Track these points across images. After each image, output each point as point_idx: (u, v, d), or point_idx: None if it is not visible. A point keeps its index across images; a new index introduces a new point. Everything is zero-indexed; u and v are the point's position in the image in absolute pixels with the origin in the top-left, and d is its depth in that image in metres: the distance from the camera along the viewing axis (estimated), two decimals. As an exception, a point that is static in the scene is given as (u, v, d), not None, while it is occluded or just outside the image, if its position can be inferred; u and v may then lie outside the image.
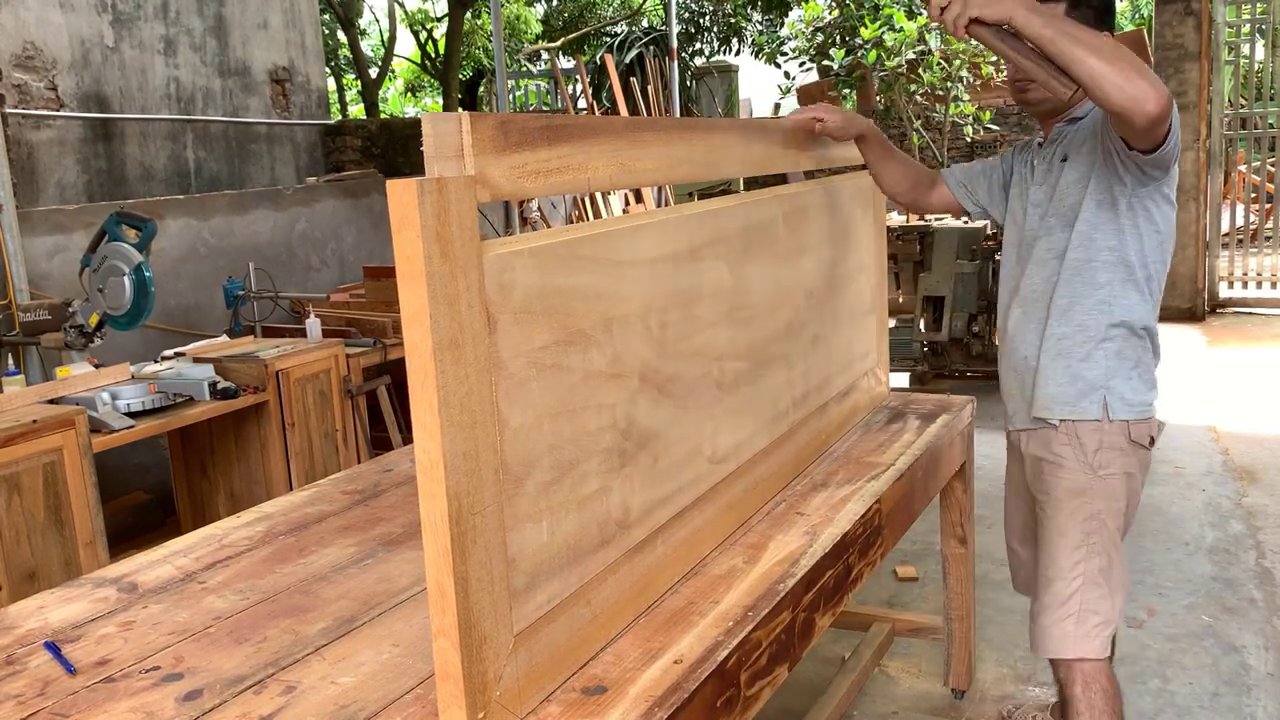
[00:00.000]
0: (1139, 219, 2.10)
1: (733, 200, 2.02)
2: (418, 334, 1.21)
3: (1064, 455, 2.20)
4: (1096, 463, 2.17)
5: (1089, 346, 2.16)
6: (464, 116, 1.27)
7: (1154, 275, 2.16)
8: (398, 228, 1.19)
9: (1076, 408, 2.18)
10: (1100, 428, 2.15)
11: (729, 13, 15.96)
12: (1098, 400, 2.16)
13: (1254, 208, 9.19)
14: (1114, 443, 2.16)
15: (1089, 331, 2.16)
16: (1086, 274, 2.15)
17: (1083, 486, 2.18)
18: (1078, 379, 2.18)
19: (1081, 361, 2.17)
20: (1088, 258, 2.14)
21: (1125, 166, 2.03)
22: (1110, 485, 2.17)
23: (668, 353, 1.73)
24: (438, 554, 1.25)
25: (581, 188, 1.49)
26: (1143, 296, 2.15)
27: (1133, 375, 2.17)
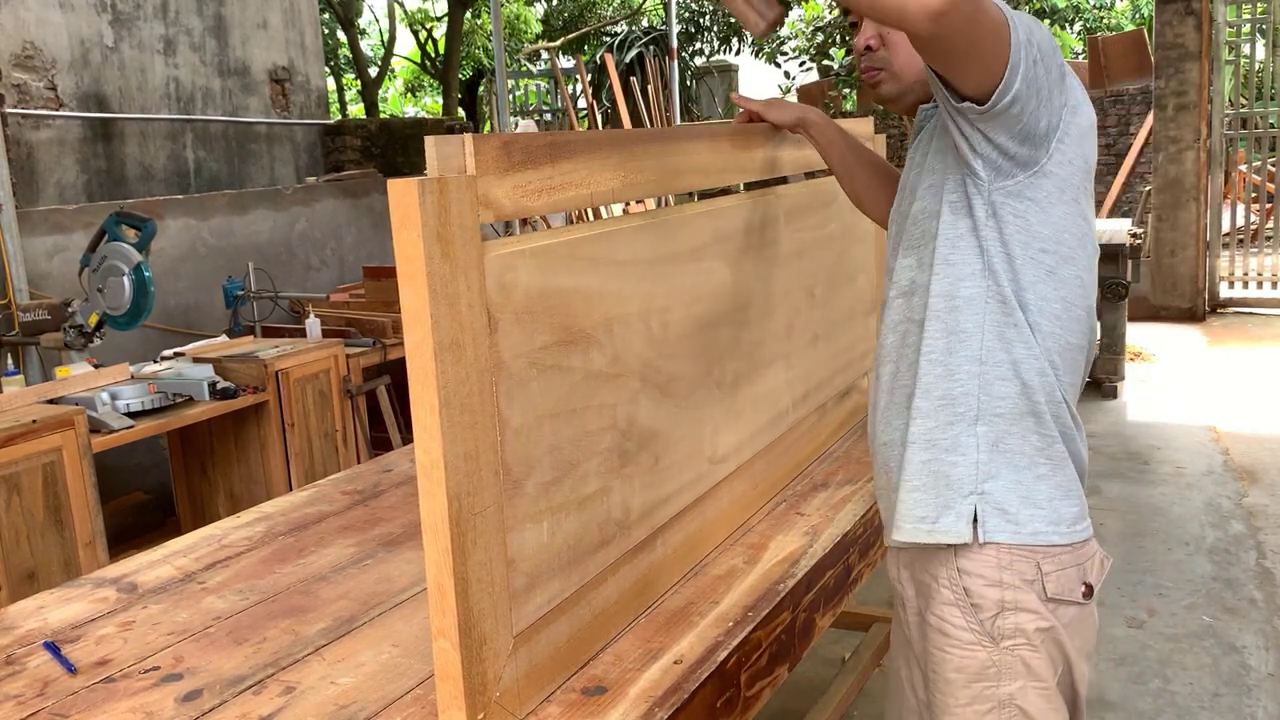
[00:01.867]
0: (1007, 231, 1.41)
1: (733, 200, 2.02)
2: (418, 334, 1.21)
3: (948, 619, 1.49)
4: (995, 630, 1.46)
5: (957, 430, 1.46)
6: (467, 139, 1.26)
7: (1048, 318, 1.44)
8: (399, 227, 1.19)
9: (937, 526, 1.47)
10: (999, 578, 1.45)
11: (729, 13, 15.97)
12: (963, 513, 1.45)
13: (1254, 208, 9.19)
14: (1020, 600, 1.45)
15: (957, 406, 1.46)
16: (947, 318, 1.46)
17: (979, 666, 1.48)
18: (939, 479, 1.47)
19: (947, 454, 1.47)
20: (946, 292, 1.45)
21: (971, 144, 1.38)
22: (1019, 662, 1.47)
23: (668, 353, 1.73)
24: (438, 554, 1.25)
25: (584, 203, 1.49)
26: (1030, 349, 1.43)
27: (1025, 474, 1.45)
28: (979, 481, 1.46)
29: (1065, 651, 1.50)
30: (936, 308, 1.47)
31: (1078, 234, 1.44)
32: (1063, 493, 1.47)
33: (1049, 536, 1.46)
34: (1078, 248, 1.45)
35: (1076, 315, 1.46)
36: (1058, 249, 1.43)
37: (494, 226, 7.26)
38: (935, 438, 1.48)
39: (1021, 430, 1.45)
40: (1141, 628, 3.32)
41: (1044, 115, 1.35)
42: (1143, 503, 4.35)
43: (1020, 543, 1.45)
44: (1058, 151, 1.40)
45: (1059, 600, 1.47)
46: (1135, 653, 3.15)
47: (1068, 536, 1.47)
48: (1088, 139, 1.45)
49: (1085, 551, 1.49)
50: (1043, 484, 1.46)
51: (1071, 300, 1.45)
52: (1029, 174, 1.40)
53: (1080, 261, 1.46)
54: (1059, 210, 1.42)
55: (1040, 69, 1.32)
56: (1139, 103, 11.31)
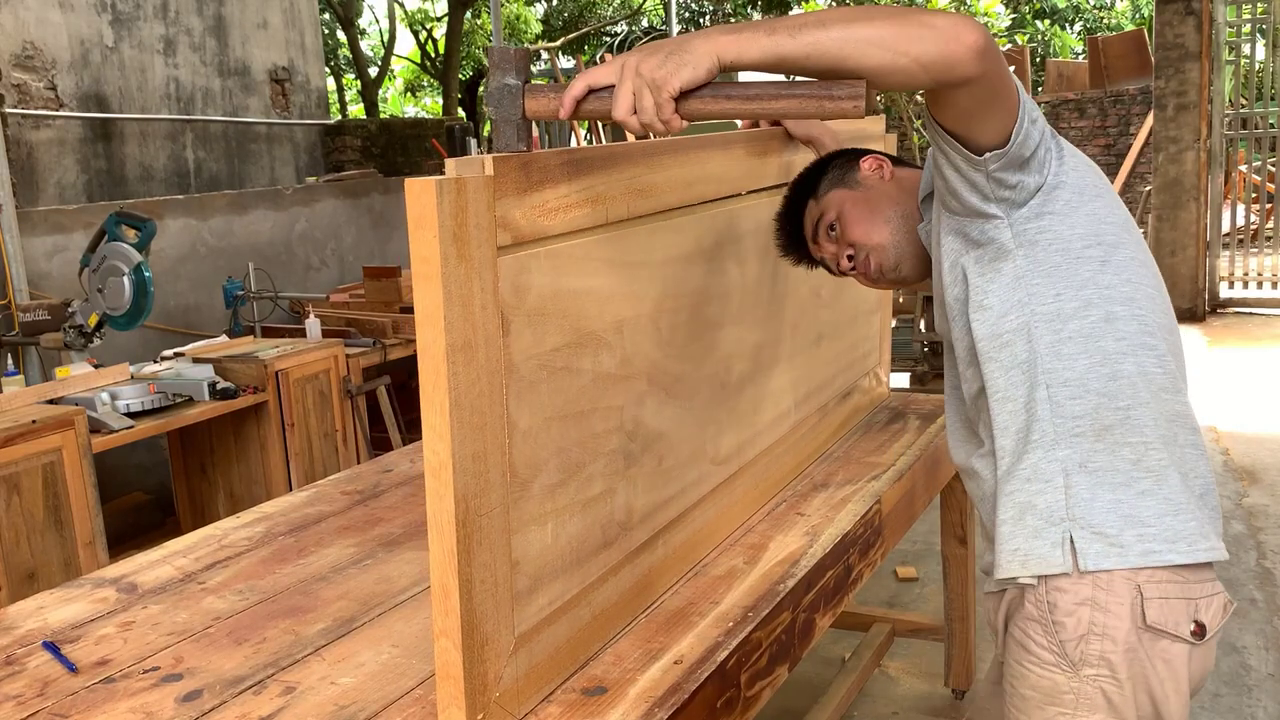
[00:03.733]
0: (1039, 249, 1.41)
1: (743, 201, 2.01)
2: (431, 335, 1.20)
3: (1030, 634, 1.42)
4: (1077, 655, 1.37)
5: (1035, 458, 1.41)
6: (487, 160, 1.24)
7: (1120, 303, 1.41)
8: (415, 227, 1.18)
9: (1031, 559, 1.40)
10: (1092, 596, 1.36)
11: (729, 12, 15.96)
12: (1056, 540, 1.38)
13: (1254, 208, 9.19)
14: (1109, 625, 1.35)
15: (1026, 438, 1.41)
16: (999, 355, 1.44)
17: (1054, 688, 1.40)
18: (1028, 511, 1.41)
19: (1028, 483, 1.41)
20: (990, 336, 1.44)
21: (983, 194, 1.39)
22: (1099, 694, 1.37)
23: (676, 354, 1.73)
24: (443, 555, 1.25)
25: (600, 220, 1.48)
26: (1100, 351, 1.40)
27: (1124, 491, 1.37)
28: (1069, 507, 1.38)
29: (1153, 695, 1.37)
30: (985, 352, 1.45)
31: (1116, 222, 1.44)
32: (1174, 507, 1.37)
33: (1165, 556, 1.35)
34: (1121, 233, 1.44)
35: (1148, 294, 1.43)
36: (1101, 240, 1.41)
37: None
38: (1015, 470, 1.43)
39: (1109, 445, 1.38)
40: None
41: (1034, 135, 1.36)
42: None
43: (1128, 567, 1.35)
44: (1059, 164, 1.41)
45: (1160, 631, 1.35)
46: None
47: (1188, 555, 1.35)
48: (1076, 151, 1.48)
49: (1199, 584, 1.37)
50: (1147, 500, 1.37)
51: (1137, 281, 1.43)
52: (1042, 194, 1.40)
53: (1130, 244, 1.44)
54: (1085, 209, 1.41)
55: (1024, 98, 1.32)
56: (1139, 103, 11.32)
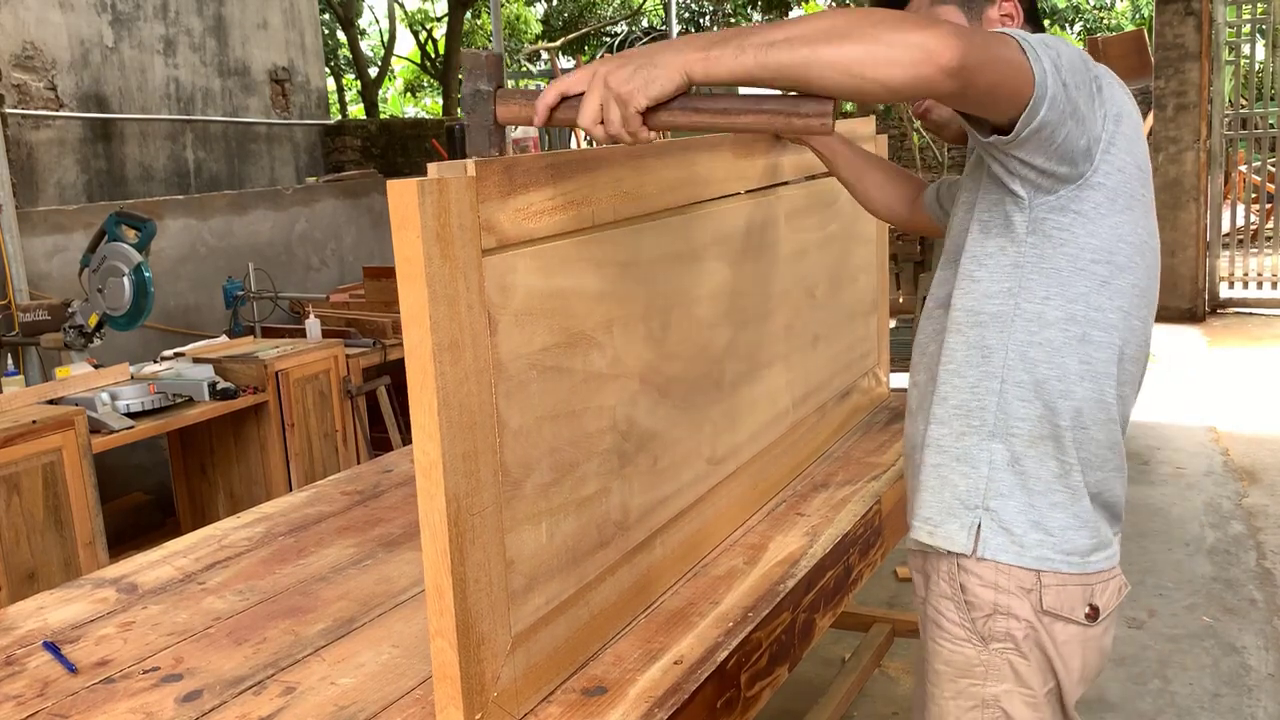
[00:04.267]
0: (1050, 246, 1.37)
1: (734, 202, 2.02)
2: (417, 335, 1.21)
3: (943, 612, 1.48)
4: (985, 630, 1.45)
5: (969, 442, 1.44)
6: (469, 164, 1.26)
7: (1102, 329, 1.39)
8: (398, 227, 1.19)
9: (938, 530, 1.46)
10: (995, 581, 1.43)
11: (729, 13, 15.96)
12: (967, 524, 1.44)
13: (1254, 208, 9.19)
14: (1012, 606, 1.43)
15: (967, 418, 1.44)
16: (966, 329, 1.44)
17: (966, 662, 1.47)
18: (946, 486, 1.46)
19: (957, 462, 1.45)
20: (972, 309, 1.43)
21: (1006, 168, 1.35)
22: (1007, 665, 1.45)
23: (668, 354, 1.73)
24: (436, 555, 1.25)
25: (586, 222, 1.49)
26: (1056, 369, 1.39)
27: (1039, 499, 1.42)
28: (987, 498, 1.43)
29: (1054, 670, 1.46)
30: (959, 321, 1.45)
31: (1135, 243, 1.40)
32: (1079, 523, 1.42)
33: (1054, 564, 1.42)
34: (1135, 256, 1.40)
35: (1133, 325, 1.42)
36: (1112, 259, 1.38)
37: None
38: (946, 445, 1.46)
39: (1039, 454, 1.41)
40: (1142, 628, 3.32)
41: (1082, 133, 1.31)
42: (1143, 503, 4.35)
43: (1022, 565, 1.42)
44: (1104, 162, 1.35)
45: (1055, 615, 1.44)
46: (1135, 653, 3.15)
47: (1078, 567, 1.42)
48: (1138, 142, 1.39)
49: (1098, 573, 1.45)
50: (1057, 512, 1.42)
51: (1129, 310, 1.41)
52: (1073, 187, 1.35)
53: (1138, 270, 1.41)
54: (1111, 220, 1.37)
55: (1071, 91, 1.27)
56: (1139, 103, 11.31)
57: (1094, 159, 1.34)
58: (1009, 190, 1.37)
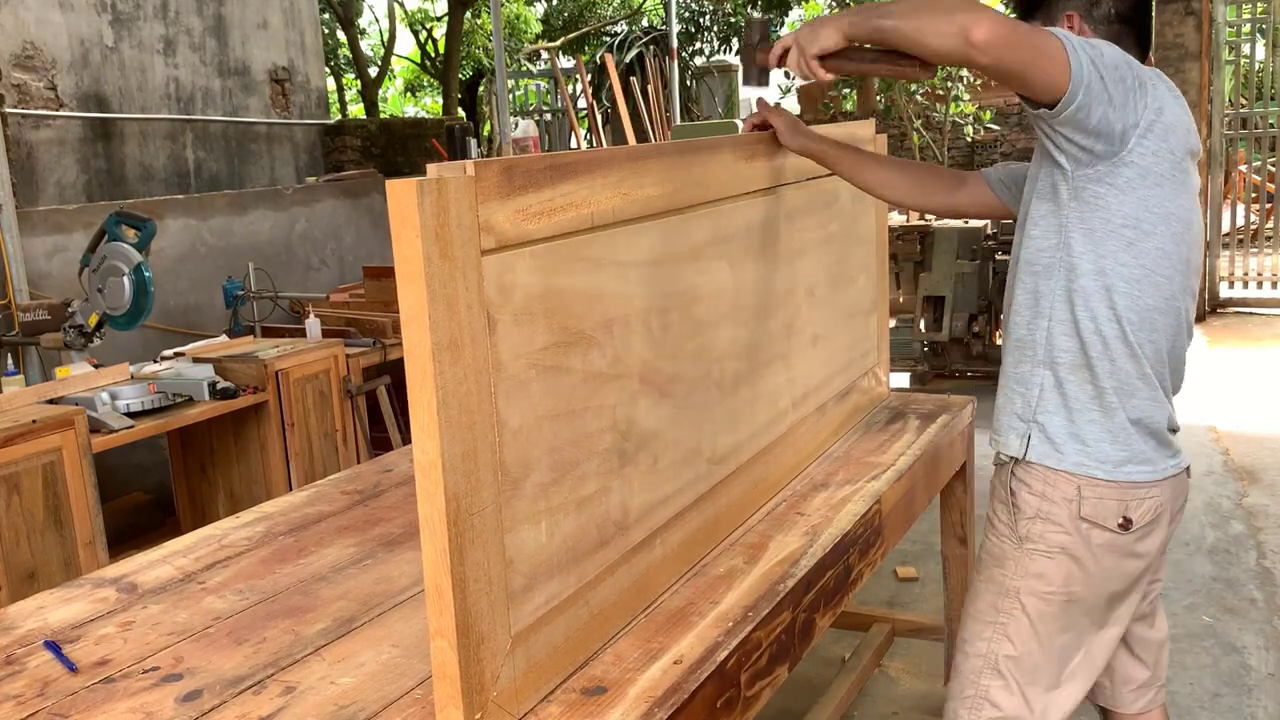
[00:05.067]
0: (1085, 209, 1.66)
1: (734, 201, 2.02)
2: (416, 335, 1.21)
3: (997, 514, 1.83)
4: (1024, 531, 1.77)
5: (1026, 368, 1.77)
6: (469, 164, 1.26)
7: (1125, 281, 1.67)
8: (397, 227, 1.19)
9: (1001, 440, 1.82)
10: (1043, 490, 1.75)
11: (729, 12, 15.96)
12: (1021, 434, 1.77)
13: (1254, 208, 9.19)
14: (1052, 513, 1.74)
15: (1025, 349, 1.77)
16: (1025, 277, 1.77)
17: (1002, 555, 1.81)
18: (1009, 405, 1.81)
19: (1017, 384, 1.79)
20: (1030, 260, 1.76)
21: (1054, 142, 1.64)
22: (1034, 564, 1.76)
23: (668, 353, 1.73)
24: (436, 554, 1.25)
25: (585, 223, 1.49)
26: (1089, 311, 1.69)
27: (1073, 414, 1.73)
28: (1036, 413, 1.75)
29: (1085, 569, 1.74)
30: (1020, 272, 1.78)
31: (1160, 214, 1.66)
32: (1110, 438, 1.72)
33: (1089, 470, 1.72)
34: (1159, 224, 1.66)
35: (1156, 281, 1.68)
36: (1138, 225, 1.65)
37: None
38: (1010, 371, 1.81)
39: (1078, 380, 1.72)
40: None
41: (1119, 118, 1.58)
42: (1143, 503, 4.34)
43: (1061, 469, 1.73)
44: (1140, 145, 1.61)
45: (1092, 523, 1.73)
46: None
47: (1109, 474, 1.71)
48: (1174, 133, 1.65)
49: (1136, 492, 1.73)
50: (1092, 427, 1.72)
51: (1151, 268, 1.67)
52: (1108, 163, 1.63)
53: (1162, 236, 1.67)
54: (1140, 193, 1.64)
55: (1108, 84, 1.55)
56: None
57: (1129, 141, 1.61)
58: (1056, 163, 1.67)
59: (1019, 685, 1.79)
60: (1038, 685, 1.79)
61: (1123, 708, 2.02)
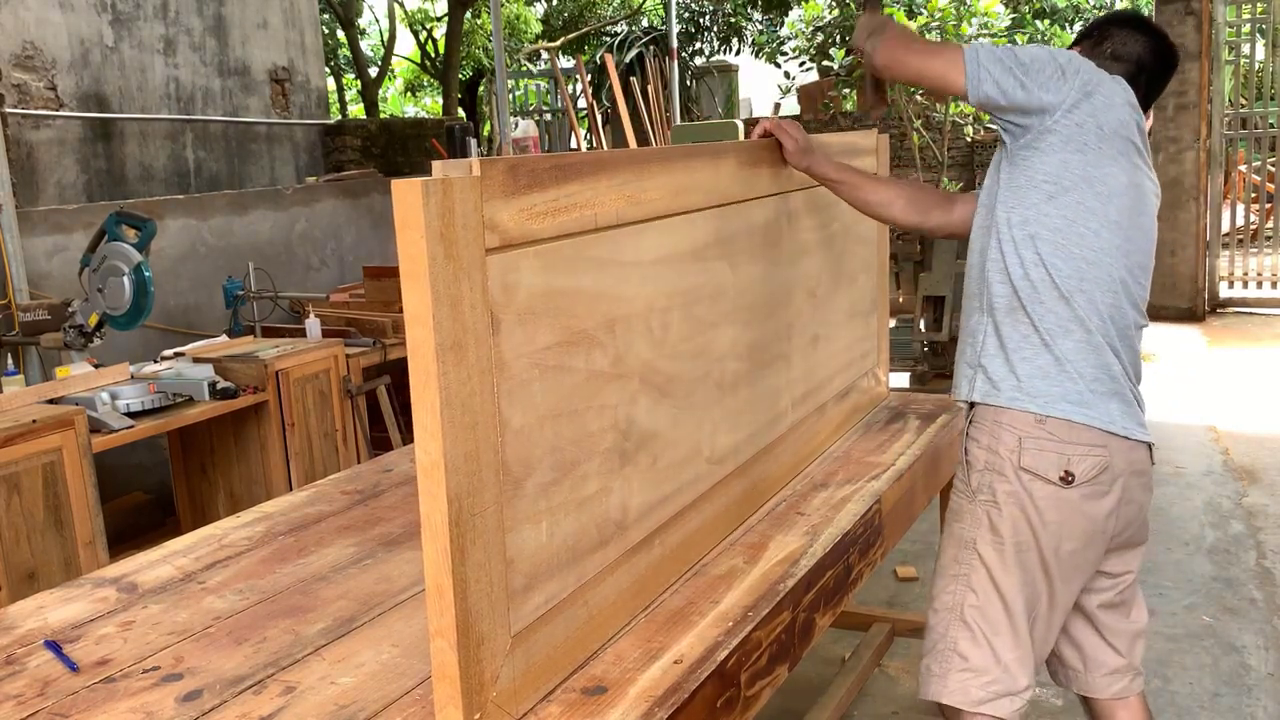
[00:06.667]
0: (1015, 169, 1.86)
1: (736, 204, 2.01)
2: (420, 335, 1.21)
3: (957, 473, 1.97)
4: (975, 484, 1.88)
5: (974, 320, 1.94)
6: (475, 162, 1.26)
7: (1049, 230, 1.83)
8: (402, 227, 1.19)
9: (956, 388, 1.97)
10: (989, 445, 1.86)
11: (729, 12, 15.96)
12: (968, 378, 1.92)
13: (1254, 208, 9.19)
14: (997, 464, 1.85)
15: (973, 302, 1.95)
16: (977, 238, 1.95)
17: (959, 509, 1.93)
18: (961, 355, 1.97)
19: (968, 336, 1.96)
20: (979, 223, 1.95)
21: (998, 125, 1.91)
22: (985, 515, 1.86)
23: (669, 353, 1.73)
24: (437, 555, 1.25)
25: (589, 224, 1.49)
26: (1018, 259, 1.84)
27: (1009, 354, 1.86)
28: (980, 358, 1.90)
29: (1030, 521, 1.83)
30: (972, 238, 1.96)
31: (1082, 174, 1.82)
32: (1041, 374, 1.83)
33: (1022, 403, 1.83)
34: (1080, 184, 1.82)
35: (1079, 232, 1.82)
36: (1058, 181, 1.83)
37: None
38: (964, 325, 1.97)
39: (1013, 321, 1.86)
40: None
41: (1034, 99, 1.81)
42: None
43: (999, 404, 1.85)
44: (1065, 118, 1.81)
45: (1033, 474, 1.82)
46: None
47: (1040, 408, 1.82)
48: (1105, 114, 1.82)
49: (1074, 443, 1.81)
50: (1024, 365, 1.84)
51: (1072, 219, 1.82)
52: (1034, 133, 1.84)
53: (1084, 193, 1.82)
54: (1060, 155, 1.82)
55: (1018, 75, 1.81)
56: (1139, 103, 11.29)
57: (1054, 114, 1.81)
58: (1001, 142, 1.91)
59: (985, 636, 1.85)
60: (1002, 636, 1.85)
61: (1097, 693, 2.05)
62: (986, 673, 1.85)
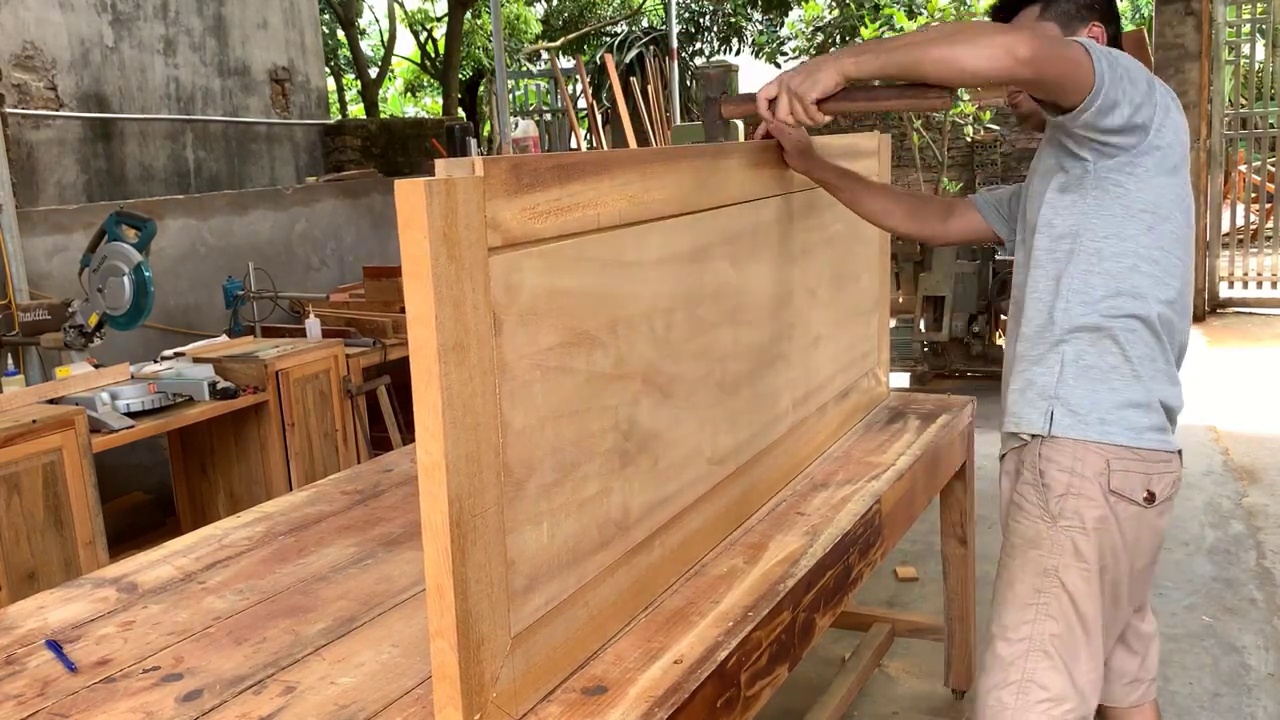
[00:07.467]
0: (1107, 196, 1.76)
1: (739, 205, 2.01)
2: (422, 335, 1.20)
3: (1025, 496, 1.86)
4: (1057, 509, 1.80)
5: (1043, 348, 1.83)
6: (477, 162, 1.26)
7: (1147, 262, 1.77)
8: (404, 227, 1.18)
9: (1022, 420, 1.85)
10: (1072, 466, 1.79)
11: (729, 13, 15.96)
12: (1043, 411, 1.82)
13: (1254, 208, 9.19)
14: (1084, 488, 1.78)
15: (1043, 332, 1.84)
16: (1046, 265, 1.84)
17: (1036, 536, 1.83)
18: (1029, 386, 1.85)
19: (1034, 364, 1.85)
20: (1047, 246, 1.83)
21: (1075, 140, 1.75)
22: (1070, 541, 1.80)
23: (671, 354, 1.73)
24: (437, 555, 1.25)
25: (592, 224, 1.49)
26: (1110, 288, 1.77)
27: (1095, 385, 1.78)
28: (1058, 388, 1.80)
29: (1114, 544, 1.80)
30: (1040, 260, 1.84)
31: (1174, 199, 1.77)
32: (1133, 405, 1.79)
33: (1114, 437, 1.77)
34: (1174, 210, 1.78)
35: (1172, 263, 1.79)
36: (1156, 210, 1.76)
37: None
38: (1029, 354, 1.85)
39: (1099, 350, 1.78)
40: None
41: (1137, 115, 1.68)
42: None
43: (1087, 439, 1.77)
44: (1156, 138, 1.72)
45: (1120, 495, 1.78)
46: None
47: (1133, 441, 1.78)
48: (1180, 130, 1.78)
49: (1156, 464, 1.80)
50: (1114, 395, 1.78)
51: (1168, 249, 1.78)
52: (1129, 154, 1.73)
53: (1177, 220, 1.78)
54: (1158, 181, 1.75)
55: (1127, 86, 1.66)
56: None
57: (1147, 135, 1.71)
58: (1078, 157, 1.77)
59: (1065, 663, 1.81)
60: (1080, 660, 1.82)
61: (1116, 702, 2.05)
62: (1066, 700, 1.81)
